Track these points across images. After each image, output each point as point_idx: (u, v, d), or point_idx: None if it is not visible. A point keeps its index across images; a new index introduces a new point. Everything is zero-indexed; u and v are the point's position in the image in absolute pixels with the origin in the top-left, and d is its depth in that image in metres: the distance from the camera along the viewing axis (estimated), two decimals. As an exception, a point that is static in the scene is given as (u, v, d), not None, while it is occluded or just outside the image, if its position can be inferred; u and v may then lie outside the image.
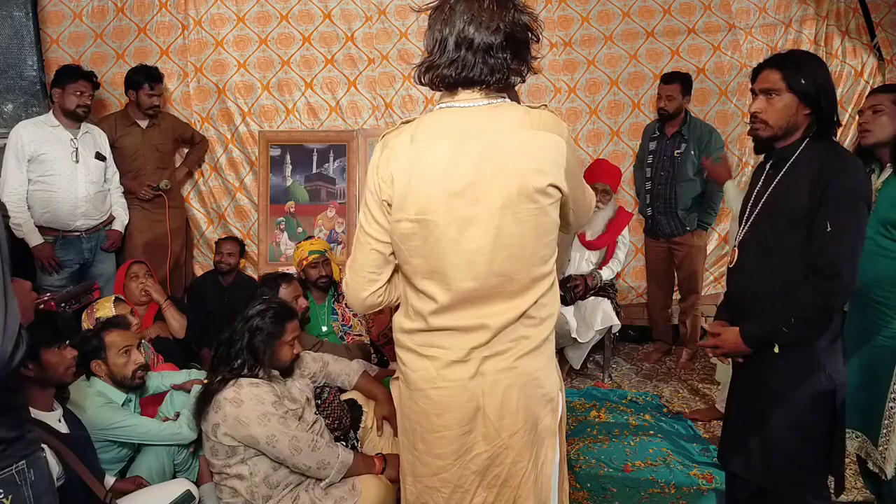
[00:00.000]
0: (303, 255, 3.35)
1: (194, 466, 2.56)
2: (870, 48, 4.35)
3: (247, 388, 2.09)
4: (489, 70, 1.33)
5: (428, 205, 1.35)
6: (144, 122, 3.92)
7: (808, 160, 1.78)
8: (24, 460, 1.18)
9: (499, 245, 1.35)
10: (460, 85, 1.37)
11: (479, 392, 1.42)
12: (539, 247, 1.39)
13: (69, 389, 2.21)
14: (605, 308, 3.65)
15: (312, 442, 2.06)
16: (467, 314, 1.40)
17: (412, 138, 1.37)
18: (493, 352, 1.41)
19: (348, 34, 4.50)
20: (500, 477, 1.46)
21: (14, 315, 1.08)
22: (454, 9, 1.33)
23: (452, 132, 1.35)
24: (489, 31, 1.31)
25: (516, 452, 1.45)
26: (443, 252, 1.37)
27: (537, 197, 1.34)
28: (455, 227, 1.35)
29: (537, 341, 1.44)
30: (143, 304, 3.28)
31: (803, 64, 1.79)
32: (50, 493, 1.27)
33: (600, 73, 4.44)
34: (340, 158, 4.47)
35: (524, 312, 1.41)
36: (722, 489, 2.58)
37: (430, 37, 1.38)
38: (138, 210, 3.89)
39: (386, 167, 1.38)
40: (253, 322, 2.20)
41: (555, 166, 1.35)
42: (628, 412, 3.40)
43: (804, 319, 1.75)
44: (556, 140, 1.36)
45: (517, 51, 1.35)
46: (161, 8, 4.36)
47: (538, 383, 1.45)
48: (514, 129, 1.34)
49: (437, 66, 1.36)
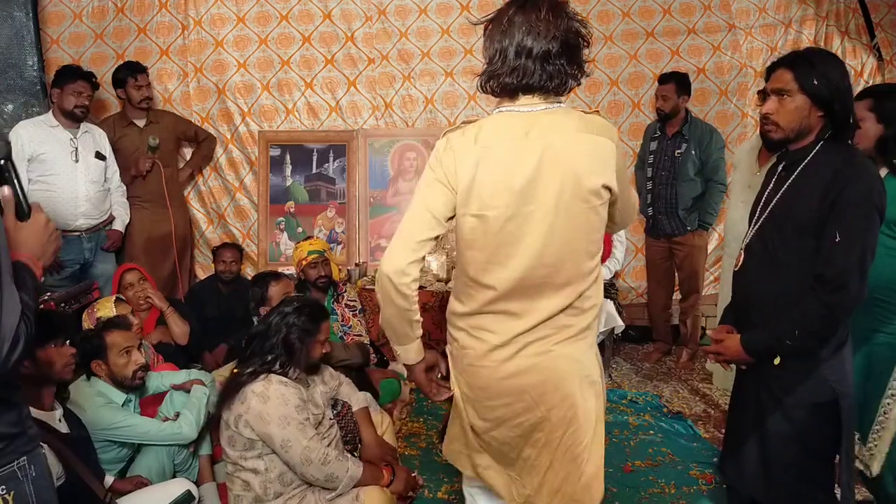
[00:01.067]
0: (302, 255, 3.35)
1: (194, 466, 2.56)
2: (870, 48, 4.36)
3: (276, 386, 2.10)
4: (548, 76, 1.45)
5: (489, 202, 1.47)
6: (142, 121, 3.92)
7: (821, 164, 1.70)
8: (26, 456, 1.18)
9: (550, 240, 1.47)
10: (521, 91, 1.48)
11: (519, 372, 1.54)
12: (587, 243, 1.51)
13: (69, 389, 2.21)
14: (608, 309, 3.65)
15: (324, 455, 2.06)
16: (516, 303, 1.52)
17: (476, 139, 1.48)
18: (536, 337, 1.52)
19: (348, 34, 4.50)
20: (542, 440, 1.58)
21: (12, 313, 1.07)
22: (512, 20, 1.43)
23: (514, 135, 1.46)
24: (546, 39, 1.42)
25: (553, 425, 1.56)
26: (500, 245, 1.49)
27: (590, 197, 1.46)
28: (513, 222, 1.47)
29: (577, 329, 1.55)
30: (144, 309, 3.26)
31: (817, 63, 1.70)
32: (50, 489, 1.27)
33: (600, 73, 4.44)
34: (340, 158, 4.47)
35: (570, 304, 1.52)
36: (723, 489, 2.59)
37: (490, 47, 1.48)
38: (139, 209, 3.89)
39: (451, 163, 1.49)
40: (289, 319, 2.21)
41: (607, 168, 1.47)
42: (628, 412, 3.40)
43: (809, 332, 1.68)
44: (609, 144, 1.48)
45: (572, 56, 1.46)
46: (161, 8, 4.36)
47: (579, 366, 1.56)
48: (571, 133, 1.46)
49: (499, 74, 1.47)
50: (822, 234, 1.66)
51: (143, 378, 2.46)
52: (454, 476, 2.70)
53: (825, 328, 1.70)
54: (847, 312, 1.69)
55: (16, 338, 1.07)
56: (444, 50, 4.51)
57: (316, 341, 2.26)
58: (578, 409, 1.56)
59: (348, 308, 3.43)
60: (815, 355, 1.74)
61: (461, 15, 4.52)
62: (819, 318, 1.68)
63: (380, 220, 4.46)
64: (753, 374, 1.86)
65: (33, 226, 1.26)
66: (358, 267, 4.23)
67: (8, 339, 1.05)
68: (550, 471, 1.59)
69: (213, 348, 3.73)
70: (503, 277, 1.50)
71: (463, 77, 4.49)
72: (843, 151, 1.71)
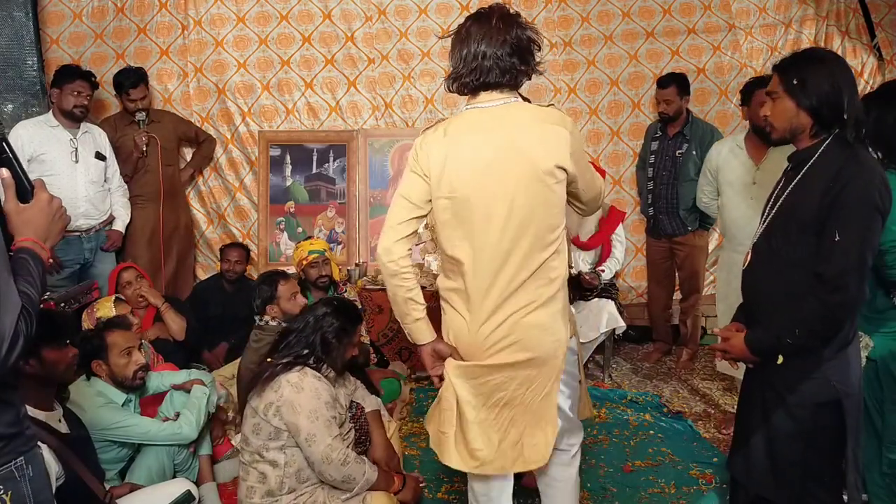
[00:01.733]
0: (302, 255, 3.35)
1: (194, 466, 2.56)
2: (870, 48, 4.36)
3: (310, 378, 2.13)
4: (500, 72, 1.68)
5: (458, 185, 1.71)
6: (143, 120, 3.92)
7: (826, 163, 1.70)
8: (23, 457, 1.18)
9: (512, 215, 1.69)
10: (480, 89, 1.72)
11: (496, 339, 1.75)
12: (548, 216, 1.72)
13: (69, 389, 2.21)
14: (609, 309, 3.65)
15: (344, 456, 2.07)
16: (487, 275, 1.73)
17: (445, 132, 1.74)
18: (508, 311, 1.73)
19: (348, 34, 4.50)
20: (503, 400, 1.80)
21: (11, 312, 1.06)
22: (469, 31, 1.69)
23: (477, 127, 1.72)
24: (498, 44, 1.66)
25: (518, 382, 1.78)
26: (469, 221, 1.72)
27: (544, 177, 1.68)
28: (480, 201, 1.70)
29: (545, 297, 1.75)
30: (141, 307, 3.27)
31: (801, 66, 1.72)
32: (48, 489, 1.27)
33: (600, 73, 4.44)
34: (340, 158, 4.47)
35: (533, 273, 1.72)
36: (723, 489, 2.59)
37: (453, 55, 1.73)
38: (141, 208, 3.89)
39: (425, 155, 1.75)
40: (329, 318, 2.24)
41: (559, 151, 1.68)
42: (628, 412, 3.40)
43: (810, 331, 1.69)
44: (561, 131, 1.69)
45: (523, 57, 1.70)
46: (161, 8, 4.36)
47: (549, 332, 1.77)
48: (527, 123, 1.70)
49: (461, 75, 1.72)
50: (823, 232, 1.66)
51: (143, 378, 2.46)
52: (454, 476, 2.70)
53: (825, 328, 1.69)
54: (847, 312, 1.68)
55: (15, 336, 1.05)
56: (444, 50, 4.50)
57: (351, 343, 2.30)
58: (543, 370, 1.78)
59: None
60: (817, 354, 1.73)
61: (461, 15, 4.52)
62: (819, 317, 1.67)
63: (380, 220, 4.45)
64: (759, 372, 1.87)
65: (37, 206, 1.23)
66: (358, 267, 4.23)
67: (7, 338, 1.04)
68: (511, 425, 1.81)
69: (213, 347, 3.74)
70: (473, 250, 1.73)
71: (463, 77, 4.48)
72: (847, 150, 1.70)
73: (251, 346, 2.74)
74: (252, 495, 2.11)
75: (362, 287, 3.88)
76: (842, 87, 1.70)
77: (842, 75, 1.71)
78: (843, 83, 1.70)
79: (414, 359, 3.83)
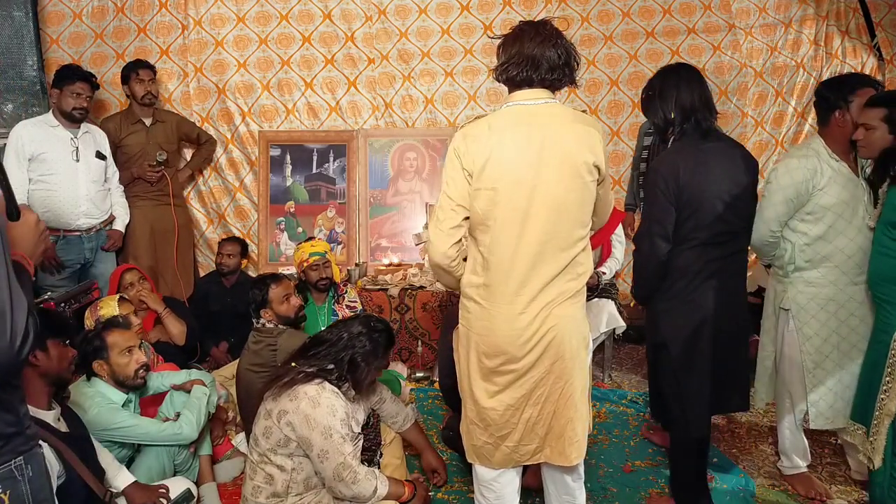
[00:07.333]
0: (303, 256, 3.35)
1: (194, 466, 2.56)
2: (870, 48, 4.36)
3: (328, 394, 2.09)
4: (548, 69, 1.79)
5: (501, 177, 1.77)
6: (148, 119, 3.93)
7: None
8: (22, 456, 1.19)
9: (551, 208, 1.77)
10: (525, 84, 1.81)
11: (528, 334, 1.81)
12: (580, 213, 1.81)
13: (69, 390, 2.21)
14: (610, 309, 3.65)
15: (354, 475, 2.05)
16: (526, 265, 1.79)
17: (489, 126, 1.80)
18: (542, 302, 1.81)
19: (348, 34, 4.50)
20: (543, 395, 1.87)
21: (21, 309, 1.08)
22: (524, 30, 1.82)
23: (520, 122, 1.79)
24: (549, 45, 1.78)
25: (556, 376, 1.85)
26: (509, 214, 1.78)
27: (583, 172, 1.77)
28: (521, 194, 1.77)
29: (573, 292, 1.84)
30: (144, 309, 3.26)
31: None
32: (47, 489, 1.28)
33: (600, 73, 4.45)
34: (340, 158, 4.47)
35: (565, 268, 1.80)
36: (722, 489, 2.59)
37: (506, 52, 1.84)
38: (140, 208, 3.89)
39: (467, 149, 1.79)
40: (363, 340, 2.21)
41: (594, 151, 1.78)
42: (628, 412, 3.40)
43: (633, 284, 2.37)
44: (595, 133, 1.81)
45: (569, 64, 1.82)
46: (161, 8, 4.37)
47: (576, 326, 1.86)
48: (566, 122, 1.79)
49: (508, 69, 1.82)
50: None
51: (144, 377, 2.46)
52: (454, 476, 2.70)
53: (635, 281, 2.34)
54: (640, 271, 2.29)
55: (26, 331, 1.09)
56: (444, 50, 4.51)
57: (378, 368, 2.28)
58: (576, 363, 1.86)
59: (348, 308, 3.43)
60: (653, 303, 2.29)
61: (461, 15, 4.53)
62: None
63: (380, 220, 4.46)
64: None
65: (24, 225, 1.27)
66: (358, 267, 4.23)
67: (20, 333, 1.08)
68: (555, 419, 1.88)
69: (216, 343, 3.75)
70: (513, 240, 1.78)
71: (463, 77, 4.49)
72: None
73: (250, 347, 2.73)
74: (258, 495, 2.11)
75: (362, 287, 3.88)
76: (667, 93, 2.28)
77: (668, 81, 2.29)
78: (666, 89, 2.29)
79: (414, 359, 3.84)
